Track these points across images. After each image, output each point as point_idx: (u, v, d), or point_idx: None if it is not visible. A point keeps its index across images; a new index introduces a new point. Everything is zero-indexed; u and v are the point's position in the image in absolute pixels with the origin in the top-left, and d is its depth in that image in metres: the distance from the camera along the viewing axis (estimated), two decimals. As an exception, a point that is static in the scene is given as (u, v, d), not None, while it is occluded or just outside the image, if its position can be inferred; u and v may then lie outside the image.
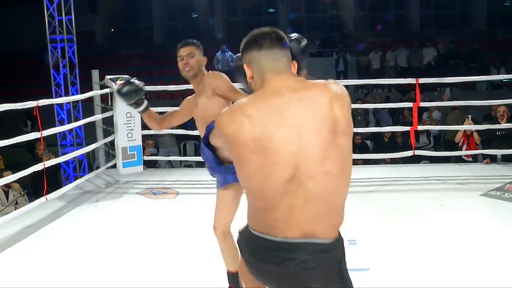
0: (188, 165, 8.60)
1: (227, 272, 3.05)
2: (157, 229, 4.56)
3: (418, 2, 17.53)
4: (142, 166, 6.43)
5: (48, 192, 5.17)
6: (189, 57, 3.00)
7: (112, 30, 19.98)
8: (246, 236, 1.74)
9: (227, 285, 3.07)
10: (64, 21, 7.81)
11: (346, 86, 8.31)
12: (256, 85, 1.76)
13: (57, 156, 6.81)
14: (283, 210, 1.60)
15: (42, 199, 5.01)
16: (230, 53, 14.64)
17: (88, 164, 8.20)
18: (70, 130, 7.92)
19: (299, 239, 1.61)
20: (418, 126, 6.68)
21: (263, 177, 1.61)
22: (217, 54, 14.65)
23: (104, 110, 6.67)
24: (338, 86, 1.73)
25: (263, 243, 1.65)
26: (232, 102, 2.78)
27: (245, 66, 1.78)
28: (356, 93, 13.21)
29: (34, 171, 5.03)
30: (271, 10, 19.08)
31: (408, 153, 6.45)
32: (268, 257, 1.64)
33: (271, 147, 1.58)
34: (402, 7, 18.10)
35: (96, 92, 6.46)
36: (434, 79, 6.71)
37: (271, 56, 1.72)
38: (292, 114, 1.61)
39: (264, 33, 1.75)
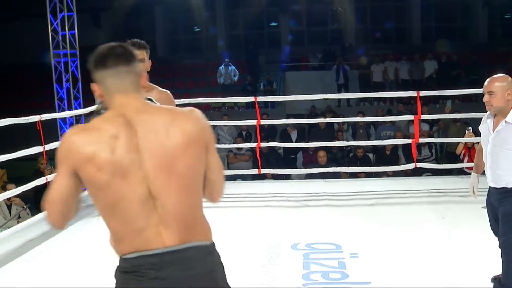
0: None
1: None
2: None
3: (419, 15, 17.65)
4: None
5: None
6: (141, 62, 2.70)
7: (116, 44, 20.14)
8: (123, 271, 1.69)
9: None
10: (67, 36, 7.90)
11: (347, 100, 8.34)
12: (107, 103, 1.68)
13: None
14: (151, 223, 1.61)
15: (44, 213, 5.01)
16: (233, 67, 14.71)
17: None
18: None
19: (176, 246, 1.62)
20: (420, 139, 6.69)
21: (122, 196, 1.59)
22: (220, 67, 14.74)
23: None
24: (186, 110, 1.70)
25: (144, 262, 1.62)
26: None
27: (93, 85, 1.69)
28: (358, 106, 13.26)
29: (37, 185, 5.08)
30: (273, 23, 19.22)
31: (410, 166, 6.46)
32: (154, 277, 1.61)
33: (125, 169, 1.57)
34: (404, 20, 18.23)
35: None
36: (435, 92, 6.75)
37: (116, 75, 1.64)
38: (140, 136, 1.59)
39: (109, 48, 1.67)
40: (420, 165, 6.62)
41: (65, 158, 1.60)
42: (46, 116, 5.00)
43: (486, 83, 3.15)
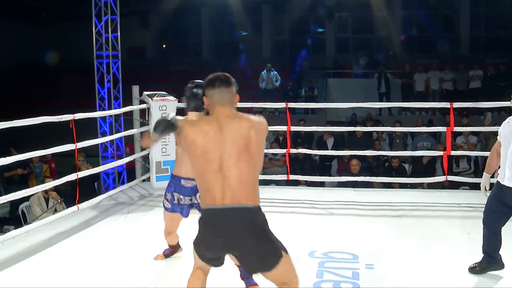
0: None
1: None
2: (182, 243, 4.66)
3: (468, 24, 17.19)
4: (175, 180, 6.58)
5: (82, 202, 5.40)
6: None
7: (164, 46, 20.60)
8: (202, 217, 2.61)
9: None
10: (110, 38, 8.17)
11: (389, 109, 8.15)
12: (210, 111, 2.67)
13: (96, 167, 7.08)
14: (217, 188, 2.52)
15: (74, 207, 5.23)
16: (276, 72, 14.74)
17: (127, 176, 8.45)
18: (112, 143, 8.23)
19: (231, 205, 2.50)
20: (452, 151, 6.54)
21: (205, 168, 2.54)
22: (262, 72, 14.81)
23: (142, 124, 6.92)
24: (258, 119, 2.64)
25: (210, 212, 2.54)
26: None
27: (205, 98, 2.68)
28: (399, 115, 13.04)
29: (71, 180, 5.30)
30: (320, 29, 19.17)
31: (440, 179, 6.33)
32: (214, 222, 2.52)
33: (208, 151, 2.53)
34: (452, 29, 17.80)
35: (132, 107, 6.71)
36: (468, 103, 6.57)
37: (219, 93, 2.62)
38: (222, 132, 2.54)
39: (216, 76, 2.66)
40: (452, 178, 6.47)
41: (180, 139, 2.64)
42: (79, 116, 5.20)
43: None
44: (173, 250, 4.21)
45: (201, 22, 19.49)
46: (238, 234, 2.48)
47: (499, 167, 3.74)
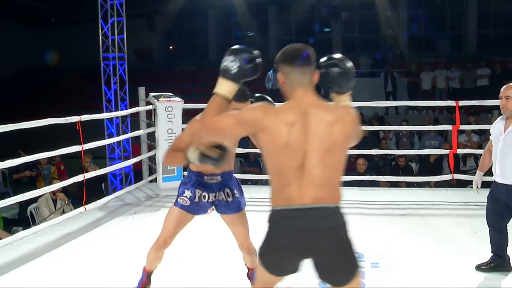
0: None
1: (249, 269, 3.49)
2: (189, 243, 4.68)
3: (475, 22, 17.10)
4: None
5: (90, 203, 5.45)
6: None
7: (171, 47, 20.67)
8: (272, 219, 2.20)
9: None
10: (116, 40, 8.22)
11: (395, 108, 8.18)
12: (286, 92, 2.24)
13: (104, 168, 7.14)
14: (297, 186, 2.14)
15: (81, 208, 5.28)
16: (281, 72, 14.75)
17: (135, 176, 8.50)
18: (118, 144, 8.28)
19: (311, 204, 2.13)
20: (458, 150, 6.53)
21: (284, 164, 2.14)
22: (269, 73, 14.81)
23: (148, 125, 6.96)
24: (345, 109, 2.29)
25: (286, 213, 2.15)
26: None
27: (279, 74, 2.23)
28: (406, 114, 13.01)
29: (79, 181, 5.35)
30: (326, 29, 19.15)
31: (447, 177, 6.31)
32: (292, 224, 2.13)
33: (292, 145, 2.12)
34: (459, 27, 17.72)
35: (138, 108, 6.76)
36: (474, 101, 6.58)
37: (301, 73, 2.18)
38: (308, 124, 2.14)
39: (298, 50, 2.21)
40: (458, 176, 6.45)
41: (249, 121, 2.18)
42: (86, 117, 5.25)
43: (503, 89, 3.71)
44: (147, 281, 3.51)
45: (207, 23, 19.53)
46: (319, 237, 2.14)
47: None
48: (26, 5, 16.86)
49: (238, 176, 7.02)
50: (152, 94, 6.54)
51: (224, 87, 2.25)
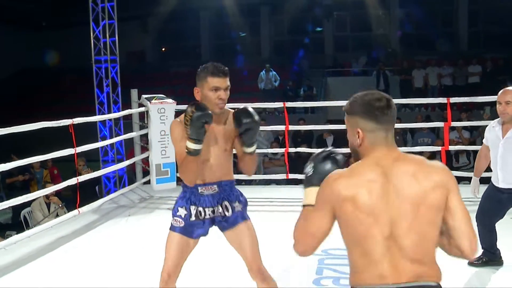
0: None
1: None
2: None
3: (466, 20, 17.21)
4: (175, 182, 6.62)
5: (83, 206, 5.45)
6: (227, 90, 2.69)
7: (164, 49, 20.67)
8: None
9: None
10: (108, 43, 8.22)
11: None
12: (364, 151, 1.83)
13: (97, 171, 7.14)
14: (386, 261, 1.75)
15: (75, 211, 5.28)
16: (274, 72, 14.79)
17: (128, 179, 8.50)
18: (112, 146, 8.27)
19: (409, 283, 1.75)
20: (450, 147, 6.57)
21: (367, 233, 1.75)
22: (261, 73, 14.86)
23: (141, 127, 6.97)
24: (436, 164, 1.82)
25: None
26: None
27: (356, 130, 1.81)
28: (399, 112, 13.02)
29: (73, 185, 5.36)
30: (318, 29, 19.20)
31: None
32: None
33: (374, 210, 1.74)
34: (450, 25, 17.81)
35: (131, 111, 6.76)
36: (465, 98, 6.61)
37: (385, 130, 1.80)
38: (394, 187, 1.75)
39: (387, 103, 1.81)
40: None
41: (329, 199, 1.78)
42: (78, 120, 5.25)
43: (501, 93, 3.69)
44: None
45: (199, 24, 19.55)
46: None
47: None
48: (17, 8, 16.82)
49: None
50: (144, 96, 6.54)
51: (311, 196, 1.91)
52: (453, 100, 6.37)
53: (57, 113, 8.07)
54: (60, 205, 6.53)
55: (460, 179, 7.39)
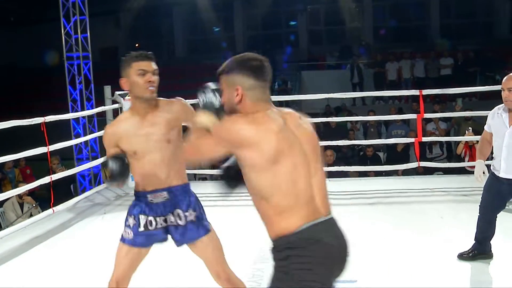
0: (203, 178, 8.69)
1: None
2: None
3: (438, 12, 17.45)
4: (150, 179, 6.57)
5: (58, 205, 5.38)
6: (155, 74, 2.58)
7: (137, 45, 20.45)
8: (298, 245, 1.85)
9: None
10: (79, 39, 8.10)
11: (362, 99, 8.28)
12: (245, 108, 1.91)
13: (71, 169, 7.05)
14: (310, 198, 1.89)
15: (49, 211, 5.20)
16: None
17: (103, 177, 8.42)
18: (86, 144, 8.17)
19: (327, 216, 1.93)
20: (423, 138, 6.67)
21: (292, 177, 1.85)
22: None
23: (115, 124, 6.89)
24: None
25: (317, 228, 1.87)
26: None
27: (235, 87, 1.91)
28: (373, 105, 13.19)
29: (46, 184, 5.28)
30: (292, 22, 19.24)
31: (413, 165, 6.44)
32: (326, 240, 1.88)
33: (289, 156, 1.85)
34: (422, 17, 18.04)
35: (104, 107, 6.69)
36: (437, 90, 6.72)
37: (266, 88, 1.92)
38: (294, 130, 1.90)
39: (264, 62, 1.94)
40: (424, 164, 6.59)
41: (228, 138, 1.88)
42: (50, 118, 5.17)
43: (505, 80, 3.45)
44: None
45: (173, 20, 19.40)
46: (346, 249, 1.99)
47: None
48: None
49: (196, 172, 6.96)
50: (118, 92, 6.47)
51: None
52: (426, 92, 6.44)
53: (29, 112, 7.91)
54: (34, 205, 6.43)
55: (434, 170, 7.54)
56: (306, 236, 1.84)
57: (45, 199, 6.93)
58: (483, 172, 3.69)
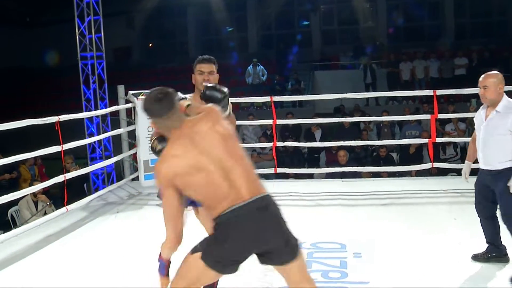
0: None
1: None
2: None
3: (452, 11, 17.30)
4: (163, 178, 6.59)
5: (71, 203, 5.42)
6: (211, 74, 3.23)
7: (151, 45, 20.55)
8: (222, 227, 2.31)
9: None
10: (93, 39, 8.15)
11: (376, 99, 8.18)
12: (165, 134, 2.50)
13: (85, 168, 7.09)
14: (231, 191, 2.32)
15: (63, 209, 5.24)
16: (262, 67, 14.76)
17: (117, 176, 8.45)
18: (99, 143, 8.22)
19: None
20: (437, 139, 6.61)
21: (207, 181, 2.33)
22: (249, 68, 14.83)
23: (128, 124, 6.93)
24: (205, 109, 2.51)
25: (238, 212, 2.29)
26: None
27: (152, 123, 2.47)
28: (386, 105, 13.11)
29: (60, 182, 5.32)
30: (305, 22, 19.19)
31: (427, 166, 6.39)
32: (246, 221, 2.29)
33: (200, 169, 2.32)
34: (437, 17, 17.89)
35: (118, 107, 6.72)
36: (451, 90, 6.64)
37: (170, 120, 2.37)
38: (197, 142, 2.35)
39: (159, 101, 2.36)
40: (438, 165, 6.54)
41: (167, 181, 2.38)
42: (64, 117, 5.21)
43: (481, 79, 3.70)
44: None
45: (187, 20, 19.45)
46: (275, 223, 2.37)
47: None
48: (3, 6, 16.61)
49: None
50: (131, 92, 6.50)
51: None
52: (440, 92, 6.39)
53: (44, 112, 7.98)
54: (48, 203, 6.49)
55: (447, 171, 7.47)
56: (224, 220, 2.29)
57: (58, 197, 7.00)
58: (466, 174, 4.02)
